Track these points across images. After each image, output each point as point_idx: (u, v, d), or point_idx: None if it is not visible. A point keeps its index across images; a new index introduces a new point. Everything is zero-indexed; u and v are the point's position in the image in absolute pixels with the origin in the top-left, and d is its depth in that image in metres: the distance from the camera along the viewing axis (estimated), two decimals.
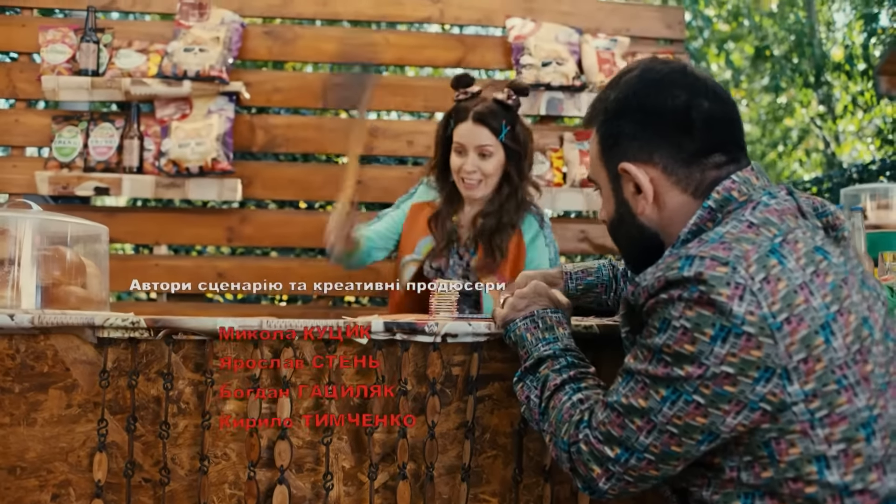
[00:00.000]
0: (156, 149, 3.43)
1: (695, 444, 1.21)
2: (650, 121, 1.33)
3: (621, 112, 1.36)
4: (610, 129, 1.38)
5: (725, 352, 1.16)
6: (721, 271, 1.17)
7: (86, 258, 1.83)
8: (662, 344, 1.20)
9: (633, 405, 1.24)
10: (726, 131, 1.34)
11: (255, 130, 3.60)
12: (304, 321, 1.57)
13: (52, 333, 1.55)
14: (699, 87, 1.33)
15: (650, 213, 1.36)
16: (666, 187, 1.33)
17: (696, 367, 1.17)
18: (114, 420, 1.56)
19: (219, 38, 3.47)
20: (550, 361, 1.44)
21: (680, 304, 1.19)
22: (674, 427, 1.20)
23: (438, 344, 1.58)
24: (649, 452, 1.23)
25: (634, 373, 1.25)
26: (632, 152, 1.34)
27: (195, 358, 1.58)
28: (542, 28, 3.64)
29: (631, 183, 1.36)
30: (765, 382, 1.16)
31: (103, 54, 3.45)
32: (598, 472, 1.28)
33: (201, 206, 3.77)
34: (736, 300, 1.16)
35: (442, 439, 1.60)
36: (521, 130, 2.59)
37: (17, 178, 3.47)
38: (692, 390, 1.18)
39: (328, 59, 3.78)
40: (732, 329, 1.16)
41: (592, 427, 1.29)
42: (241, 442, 1.58)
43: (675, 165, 1.32)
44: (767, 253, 1.20)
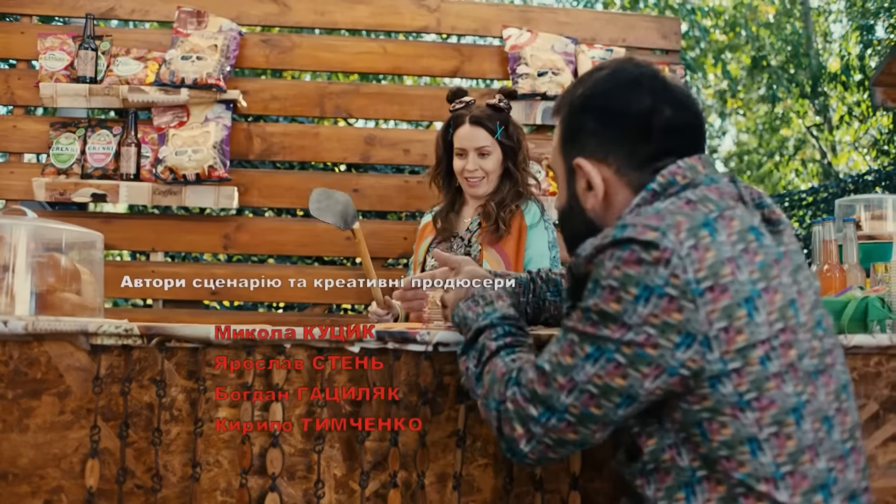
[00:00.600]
0: (153, 156, 3.44)
1: (613, 408, 1.23)
2: (611, 121, 1.36)
3: (585, 108, 1.39)
4: (572, 122, 1.41)
5: (648, 312, 1.19)
6: (651, 235, 1.20)
7: (80, 265, 1.84)
8: (591, 303, 1.23)
9: (560, 362, 1.26)
10: (684, 139, 1.36)
11: (252, 138, 3.61)
12: (297, 329, 1.57)
13: (46, 340, 1.56)
14: (665, 94, 1.35)
15: (598, 210, 1.39)
16: (616, 187, 1.37)
17: (619, 327, 1.20)
18: (106, 426, 1.57)
19: (216, 46, 3.48)
20: (488, 331, 1.46)
21: (609, 264, 1.22)
22: (593, 387, 1.23)
23: (430, 353, 1.59)
24: (569, 413, 1.25)
25: (566, 330, 1.28)
26: (589, 149, 1.38)
27: (188, 365, 1.59)
28: (539, 38, 3.66)
29: (584, 179, 1.39)
30: (685, 348, 1.18)
31: (101, 62, 3.46)
32: (520, 433, 1.29)
33: (198, 213, 3.78)
34: (662, 263, 1.19)
35: (433, 448, 1.61)
36: (513, 129, 2.85)
37: (14, 185, 3.48)
38: (614, 349, 1.21)
39: (326, 67, 3.79)
40: (655, 290, 1.18)
41: (521, 384, 1.30)
42: (233, 449, 1.58)
43: (628, 167, 1.36)
44: (700, 225, 1.23)
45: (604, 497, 1.64)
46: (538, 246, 2.78)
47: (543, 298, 1.81)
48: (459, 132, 2.82)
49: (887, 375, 1.73)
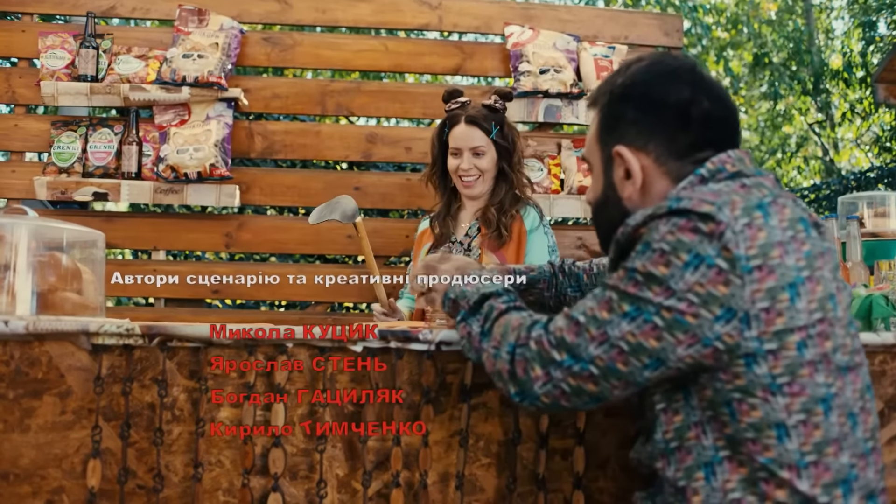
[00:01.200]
0: (154, 154, 3.43)
1: (640, 367, 1.24)
2: (652, 110, 1.37)
3: (626, 97, 1.40)
4: (612, 111, 1.42)
5: (694, 280, 1.20)
6: (707, 208, 1.22)
7: (82, 264, 1.83)
8: (639, 264, 1.24)
9: (594, 316, 1.26)
10: (721, 131, 1.38)
11: (254, 137, 3.60)
12: (299, 329, 1.57)
13: (47, 340, 1.56)
14: (703, 87, 1.37)
15: (635, 199, 1.40)
16: (655, 176, 1.38)
17: (664, 290, 1.21)
18: (108, 427, 1.57)
19: (217, 44, 3.47)
20: (494, 298, 1.47)
21: (664, 228, 1.23)
22: (625, 343, 1.23)
23: (433, 352, 1.58)
24: (594, 364, 1.26)
25: (606, 287, 1.28)
26: (629, 137, 1.39)
27: (189, 365, 1.58)
28: (541, 35, 3.64)
29: (622, 167, 1.40)
30: (724, 322, 1.19)
31: (102, 60, 3.46)
32: (538, 374, 1.30)
33: (200, 211, 3.77)
34: (716, 235, 1.20)
35: (436, 447, 1.60)
36: (508, 130, 2.87)
37: (16, 184, 3.47)
38: (654, 311, 1.22)
39: (327, 65, 3.78)
40: (706, 259, 1.20)
41: (549, 330, 1.31)
42: (235, 449, 1.58)
43: (668, 156, 1.37)
44: (755, 206, 1.24)
45: (608, 496, 1.63)
46: (538, 250, 2.79)
47: (564, 293, 1.84)
48: (455, 132, 2.83)
49: (892, 374, 1.72)
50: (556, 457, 1.62)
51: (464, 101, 2.87)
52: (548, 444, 1.61)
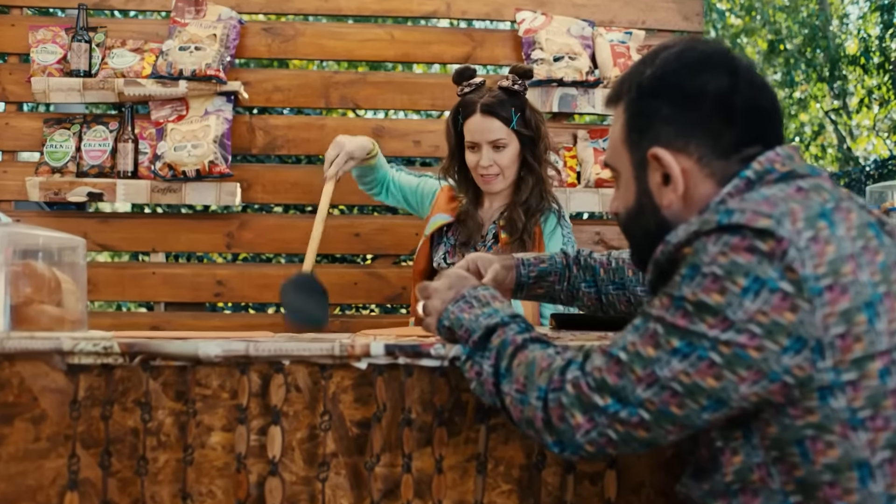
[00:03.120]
0: (151, 152, 3.28)
1: (697, 410, 1.07)
2: (689, 103, 1.19)
3: (657, 90, 1.21)
4: (642, 108, 1.23)
5: (756, 308, 1.03)
6: (765, 223, 1.05)
7: (62, 273, 1.68)
8: (688, 292, 1.07)
9: (638, 352, 1.10)
10: (767, 123, 1.20)
11: (255, 132, 3.45)
12: (296, 344, 1.41)
13: (18, 360, 1.40)
14: (743, 74, 1.19)
15: (676, 207, 1.21)
16: (698, 180, 1.19)
17: (719, 321, 1.04)
18: (87, 455, 1.41)
19: (216, 35, 3.31)
20: (501, 329, 1.29)
21: (714, 249, 1.06)
22: (678, 384, 1.07)
23: (446, 368, 1.42)
24: (644, 409, 1.09)
25: (649, 318, 1.11)
26: (666, 138, 1.20)
27: (176, 385, 1.42)
28: (554, 21, 3.47)
29: (659, 172, 1.22)
30: (793, 354, 1.03)
31: (96, 54, 3.31)
32: (580, 422, 1.13)
33: (202, 210, 3.62)
34: (778, 254, 1.03)
35: (451, 473, 1.43)
36: (531, 114, 2.50)
37: (8, 185, 3.33)
38: (709, 347, 1.05)
39: (330, 56, 3.62)
40: (768, 283, 1.03)
41: (585, 371, 1.14)
42: (227, 478, 1.42)
43: (712, 156, 1.18)
44: (817, 215, 1.07)
45: None
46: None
47: (577, 287, 1.68)
48: (469, 123, 2.48)
49: None
50: (585, 482, 1.46)
51: (478, 83, 2.50)
52: (575, 468, 1.45)
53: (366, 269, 3.57)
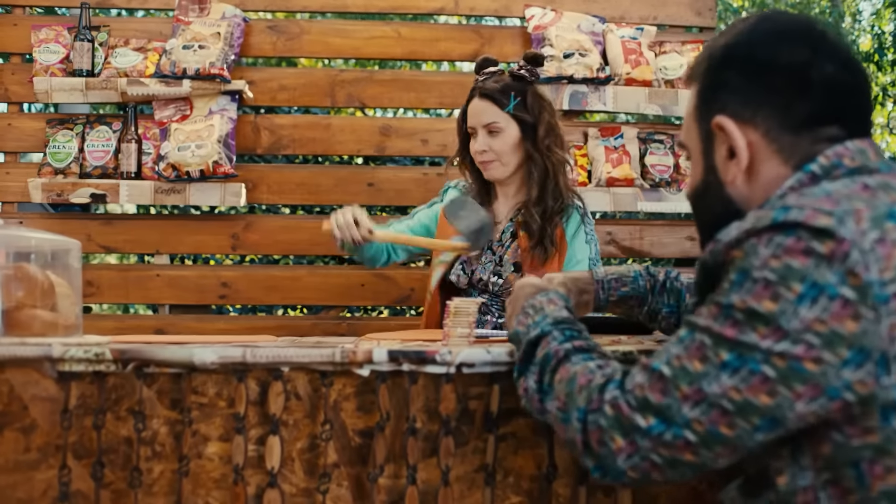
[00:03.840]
0: (155, 152, 3.23)
1: (749, 431, 0.98)
2: (760, 73, 1.11)
3: (728, 60, 1.14)
4: (712, 78, 1.16)
5: (813, 317, 0.93)
6: (825, 221, 0.95)
7: (56, 276, 1.62)
8: (737, 299, 0.98)
9: (684, 367, 1.01)
10: (850, 102, 1.11)
11: (260, 131, 3.39)
12: (296, 350, 1.35)
13: (7, 367, 1.35)
14: (825, 48, 1.10)
15: (740, 185, 1.13)
16: (765, 155, 1.11)
17: (773, 331, 0.95)
18: (79, 465, 1.35)
19: (220, 34, 3.26)
20: (544, 341, 1.22)
21: (766, 251, 0.97)
22: (728, 402, 0.98)
23: (453, 375, 1.36)
24: (690, 430, 1.00)
25: (695, 329, 1.02)
26: (732, 107, 1.13)
27: (171, 393, 1.37)
28: (564, 17, 3.40)
29: (725, 145, 1.14)
30: (855, 367, 0.93)
31: (98, 53, 3.25)
32: (621, 445, 1.04)
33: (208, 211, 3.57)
34: (839, 257, 0.93)
35: (458, 485, 1.37)
36: (534, 101, 2.42)
37: (11, 186, 3.28)
38: (762, 359, 0.96)
39: (336, 54, 3.56)
40: (827, 289, 0.93)
41: (625, 390, 1.05)
42: (225, 490, 1.36)
43: (781, 130, 1.10)
44: (885, 215, 0.97)
45: None
46: (578, 260, 2.41)
47: (658, 311, 1.57)
48: (468, 108, 2.45)
49: None
50: (598, 494, 1.39)
51: (493, 71, 2.44)
52: (588, 479, 1.38)
53: (373, 270, 3.51)
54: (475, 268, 2.46)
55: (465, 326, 1.52)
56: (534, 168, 2.42)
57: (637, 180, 3.24)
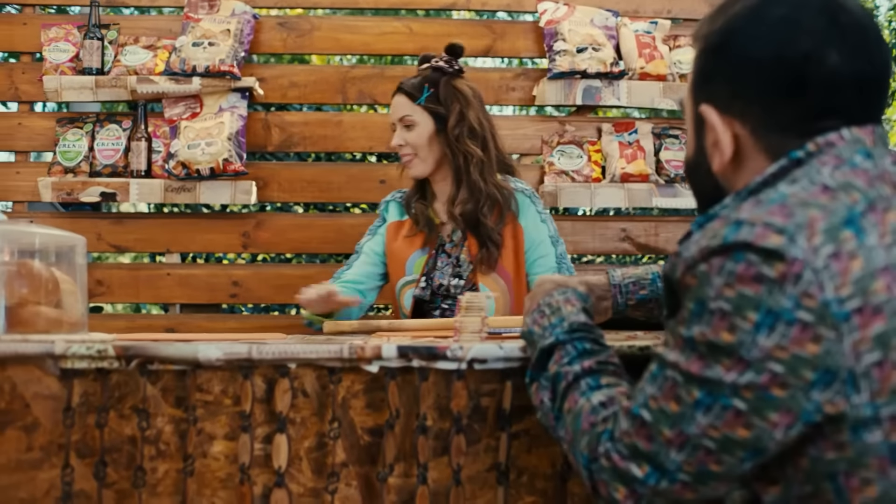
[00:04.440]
0: (165, 150, 3.21)
1: (737, 463, 0.96)
2: (751, 71, 1.04)
3: (720, 48, 1.08)
4: (705, 63, 1.11)
5: (772, 344, 0.90)
6: (774, 241, 0.91)
7: (61, 273, 1.60)
8: (696, 332, 0.95)
9: (662, 409, 0.98)
10: (856, 96, 1.03)
11: (271, 129, 3.36)
12: (303, 346, 1.31)
13: (9, 364, 1.32)
14: (832, 33, 1.01)
15: (727, 174, 1.10)
16: (751, 150, 1.07)
17: (735, 363, 0.92)
18: (82, 465, 1.32)
19: (229, 30, 3.23)
20: (558, 353, 1.18)
21: (718, 281, 0.93)
22: (710, 441, 0.95)
23: (464, 371, 1.32)
24: (683, 473, 0.98)
25: (665, 365, 0.99)
26: (720, 99, 1.08)
27: (176, 391, 1.33)
28: (577, 11, 3.36)
29: (712, 133, 1.09)
30: (823, 387, 0.90)
31: (108, 52, 3.24)
32: (624, 494, 1.02)
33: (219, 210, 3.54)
34: (790, 279, 0.90)
35: (470, 484, 1.33)
36: (446, 91, 2.38)
37: (21, 185, 3.26)
38: (730, 393, 0.93)
39: (347, 50, 3.53)
40: (783, 315, 0.90)
41: (615, 439, 1.03)
42: (231, 489, 1.33)
43: (768, 130, 1.05)
44: (842, 223, 0.92)
45: None
46: (540, 243, 2.35)
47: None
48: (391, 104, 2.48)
49: None
50: None
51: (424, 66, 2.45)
52: None
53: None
54: (433, 275, 2.41)
55: (476, 321, 1.48)
56: (450, 165, 2.38)
57: (652, 176, 3.19)
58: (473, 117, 2.38)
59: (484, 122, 2.41)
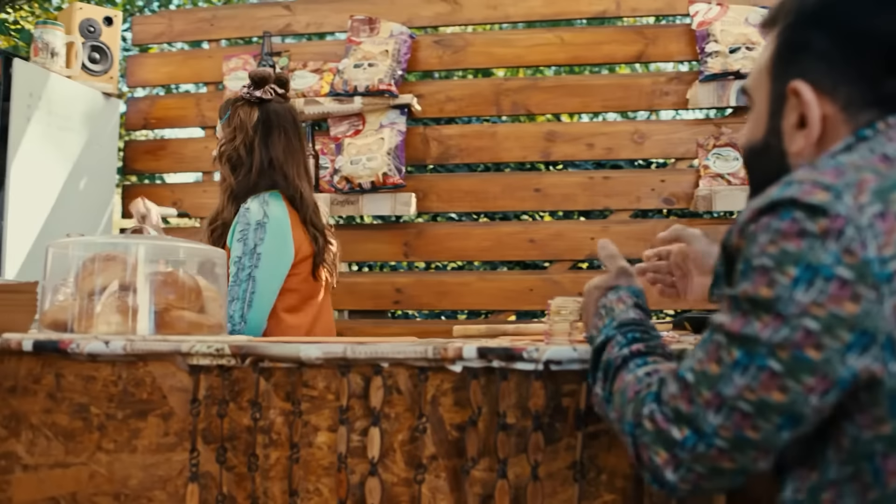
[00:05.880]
0: (331, 166, 3.45)
1: (773, 430, 0.93)
2: (853, 42, 1.02)
3: (819, 19, 1.05)
4: (796, 35, 1.07)
5: (810, 300, 0.88)
6: (820, 197, 0.89)
7: (204, 281, 1.80)
8: (740, 290, 0.94)
9: (704, 371, 0.97)
10: None
11: (429, 142, 3.53)
12: (392, 346, 1.43)
13: (150, 360, 1.52)
14: None
15: (807, 156, 1.05)
16: (839, 130, 1.03)
17: (772, 319, 0.90)
18: (207, 450, 1.50)
19: (388, 51, 3.43)
20: (609, 346, 1.20)
21: (763, 238, 0.92)
22: (745, 403, 0.93)
23: (542, 372, 1.38)
24: (719, 437, 0.96)
25: (714, 329, 0.99)
26: (814, 74, 1.04)
27: (286, 386, 1.48)
28: (730, 11, 3.29)
29: (796, 112, 1.05)
30: (860, 351, 0.88)
31: None
32: (665, 458, 1.00)
33: (381, 221, 3.76)
34: (833, 235, 0.88)
35: (550, 481, 1.39)
36: (233, 114, 2.47)
37: (207, 203, 3.60)
38: (766, 353, 0.91)
39: (500, 63, 3.64)
40: (821, 270, 0.88)
41: (662, 401, 1.02)
42: (333, 477, 1.46)
43: (862, 105, 1.02)
44: (894, 186, 0.90)
45: None
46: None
47: None
48: None
49: None
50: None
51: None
52: None
53: (541, 274, 3.55)
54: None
55: (566, 325, 1.53)
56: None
57: None
58: (242, 145, 2.43)
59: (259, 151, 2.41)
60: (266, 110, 2.45)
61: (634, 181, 3.41)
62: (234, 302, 2.23)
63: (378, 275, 4.07)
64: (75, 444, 1.54)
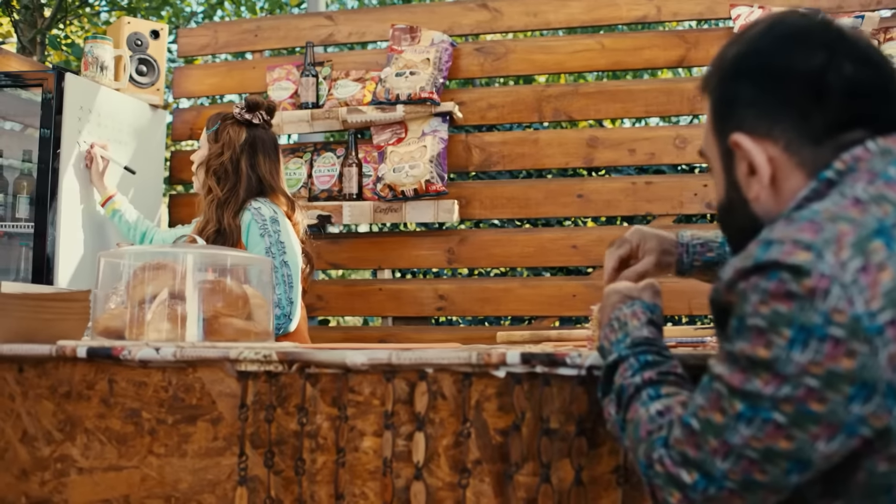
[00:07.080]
0: (374, 174, 3.49)
1: (781, 474, 0.96)
2: (774, 83, 1.06)
3: (739, 72, 1.10)
4: (725, 92, 1.12)
5: (807, 360, 0.90)
6: (801, 258, 0.91)
7: (252, 289, 1.84)
8: (737, 347, 0.97)
9: (708, 420, 1.00)
10: (875, 103, 1.04)
11: (471, 150, 3.55)
12: (436, 352, 1.44)
13: (199, 366, 1.56)
14: (844, 47, 1.04)
15: (765, 200, 1.09)
16: (787, 169, 1.06)
17: (772, 378, 0.93)
18: (255, 454, 1.53)
19: (429, 59, 3.46)
20: (622, 367, 1.22)
21: (754, 298, 0.94)
22: (752, 451, 0.96)
23: (585, 377, 1.39)
24: (729, 481, 0.99)
25: (713, 378, 1.01)
26: (748, 122, 1.08)
27: (332, 392, 1.51)
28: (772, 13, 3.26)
29: (744, 162, 1.09)
30: (862, 401, 0.89)
31: (323, 87, 3.57)
32: (679, 499, 1.04)
33: (424, 228, 3.78)
34: (819, 295, 0.89)
35: (593, 486, 1.40)
36: (221, 130, 2.72)
37: None
38: (770, 406, 0.93)
39: (541, 70, 3.65)
40: (814, 332, 0.90)
41: (669, 446, 1.06)
42: (378, 481, 1.48)
43: (801, 142, 1.05)
44: (871, 234, 0.92)
45: None
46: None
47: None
48: None
49: None
50: None
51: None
52: None
53: (584, 280, 3.54)
54: None
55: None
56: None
57: None
58: (226, 161, 2.69)
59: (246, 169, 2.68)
60: (253, 134, 2.73)
61: (677, 186, 3.39)
62: (276, 287, 2.48)
63: (421, 281, 4.09)
64: (127, 447, 1.59)
